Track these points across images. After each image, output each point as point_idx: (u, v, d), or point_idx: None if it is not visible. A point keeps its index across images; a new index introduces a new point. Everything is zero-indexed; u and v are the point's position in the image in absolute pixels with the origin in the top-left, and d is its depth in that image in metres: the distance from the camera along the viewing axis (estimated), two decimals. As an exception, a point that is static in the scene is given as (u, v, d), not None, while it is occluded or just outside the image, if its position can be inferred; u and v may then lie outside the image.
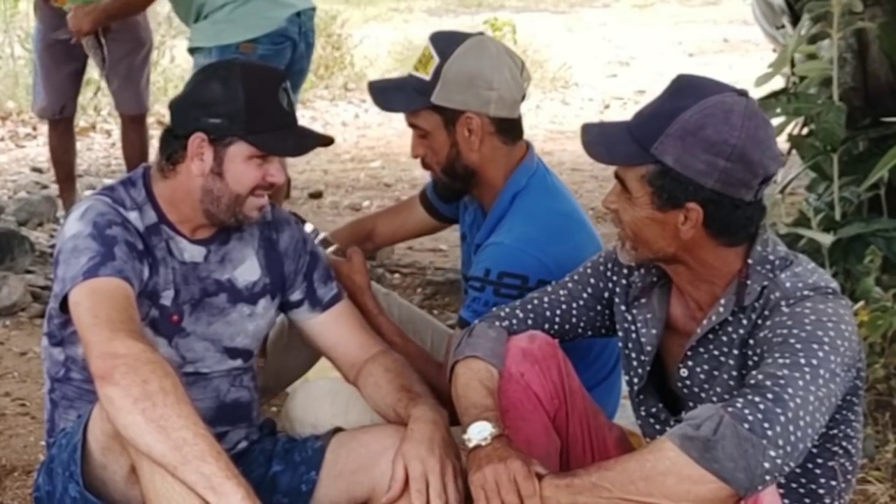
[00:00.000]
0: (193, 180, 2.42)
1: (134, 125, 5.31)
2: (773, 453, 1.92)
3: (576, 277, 2.43)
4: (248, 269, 2.54)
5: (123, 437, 2.12)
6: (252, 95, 2.39)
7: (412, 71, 2.75)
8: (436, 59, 2.69)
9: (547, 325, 2.41)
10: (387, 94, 2.79)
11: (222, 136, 2.39)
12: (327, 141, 2.56)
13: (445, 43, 2.72)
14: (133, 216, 2.42)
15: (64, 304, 2.30)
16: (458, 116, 2.68)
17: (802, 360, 1.99)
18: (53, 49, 5.15)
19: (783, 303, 2.09)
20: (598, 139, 2.19)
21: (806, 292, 2.09)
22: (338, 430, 2.54)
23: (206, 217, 2.46)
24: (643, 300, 2.31)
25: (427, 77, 2.69)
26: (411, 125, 2.75)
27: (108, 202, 2.41)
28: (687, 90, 2.12)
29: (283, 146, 2.46)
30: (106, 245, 2.32)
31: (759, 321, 2.12)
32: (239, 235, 2.55)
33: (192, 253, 2.48)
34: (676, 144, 2.07)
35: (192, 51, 4.19)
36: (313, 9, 4.25)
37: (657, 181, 2.10)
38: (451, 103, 2.68)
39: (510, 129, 2.74)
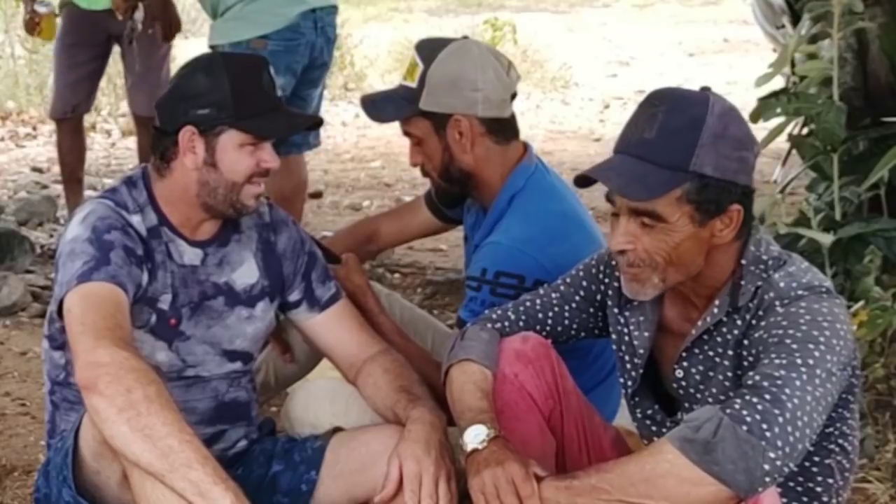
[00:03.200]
0: (188, 175, 2.42)
1: (145, 126, 5.32)
2: (772, 455, 1.92)
3: (568, 280, 2.43)
4: (246, 272, 2.54)
5: (111, 446, 2.12)
6: (237, 82, 2.39)
7: (402, 81, 2.78)
8: (420, 66, 2.72)
9: (539, 327, 2.41)
10: (377, 104, 2.82)
11: (212, 125, 2.39)
12: (317, 121, 2.59)
13: (428, 49, 2.74)
14: (136, 220, 2.41)
15: (62, 309, 2.30)
16: (446, 120, 2.70)
17: (799, 361, 1.99)
18: (74, 48, 5.17)
19: (777, 303, 2.09)
20: (624, 179, 2.07)
21: (800, 292, 2.09)
22: (337, 429, 2.54)
23: (204, 211, 2.46)
24: (636, 303, 2.30)
25: (414, 84, 2.72)
26: (406, 134, 2.77)
27: (110, 206, 2.41)
28: (684, 101, 2.09)
29: (273, 128, 2.45)
30: (102, 250, 2.31)
31: (754, 321, 2.11)
32: (237, 237, 2.54)
33: (191, 255, 2.48)
34: (710, 152, 2.05)
35: (211, 48, 4.20)
36: (333, 7, 4.25)
37: (699, 196, 2.06)
38: (438, 107, 2.70)
39: (502, 128, 2.75)
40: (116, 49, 5.31)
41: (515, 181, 2.74)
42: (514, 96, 2.79)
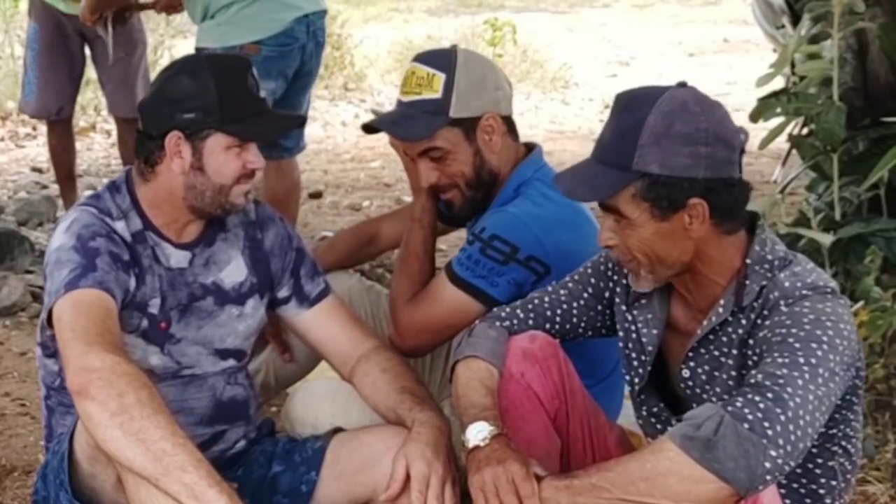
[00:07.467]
0: (174, 179, 2.41)
1: (128, 126, 5.32)
2: (773, 453, 1.92)
3: (576, 277, 2.44)
4: (234, 270, 2.54)
5: (104, 451, 2.12)
6: (223, 85, 2.38)
7: (409, 97, 2.71)
8: (441, 75, 2.68)
9: (548, 325, 2.42)
10: (400, 125, 2.73)
11: (198, 129, 2.38)
12: (301, 120, 2.61)
13: (439, 59, 2.72)
14: (119, 226, 2.41)
15: (52, 318, 2.29)
16: (476, 123, 2.69)
17: (801, 360, 1.99)
18: (53, 50, 5.14)
19: (782, 302, 2.09)
20: (576, 182, 2.17)
21: (805, 292, 2.09)
22: (338, 430, 2.54)
23: (191, 213, 2.45)
24: (644, 300, 2.31)
25: (437, 95, 2.67)
26: (423, 152, 2.71)
27: (94, 213, 2.40)
28: (635, 102, 2.12)
29: (261, 131, 2.44)
30: (88, 257, 2.31)
31: (759, 321, 2.12)
32: (224, 236, 2.54)
33: (178, 258, 2.47)
34: (654, 151, 2.07)
35: (198, 51, 4.19)
36: (324, 11, 4.24)
37: (651, 193, 2.09)
38: (469, 111, 2.68)
39: (513, 125, 2.79)
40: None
41: (523, 172, 2.75)
42: None
